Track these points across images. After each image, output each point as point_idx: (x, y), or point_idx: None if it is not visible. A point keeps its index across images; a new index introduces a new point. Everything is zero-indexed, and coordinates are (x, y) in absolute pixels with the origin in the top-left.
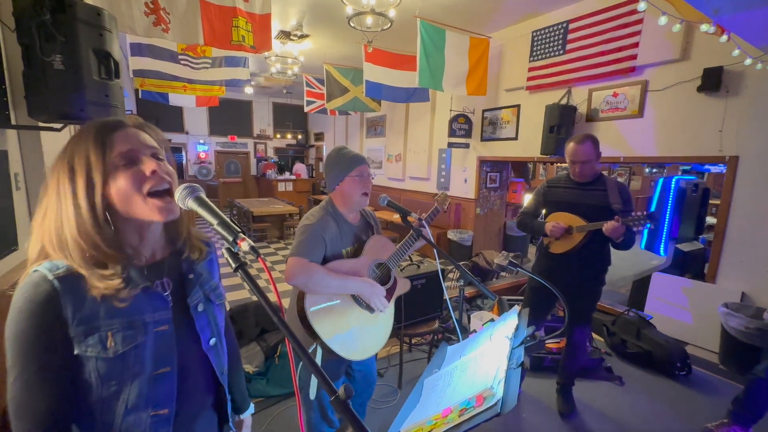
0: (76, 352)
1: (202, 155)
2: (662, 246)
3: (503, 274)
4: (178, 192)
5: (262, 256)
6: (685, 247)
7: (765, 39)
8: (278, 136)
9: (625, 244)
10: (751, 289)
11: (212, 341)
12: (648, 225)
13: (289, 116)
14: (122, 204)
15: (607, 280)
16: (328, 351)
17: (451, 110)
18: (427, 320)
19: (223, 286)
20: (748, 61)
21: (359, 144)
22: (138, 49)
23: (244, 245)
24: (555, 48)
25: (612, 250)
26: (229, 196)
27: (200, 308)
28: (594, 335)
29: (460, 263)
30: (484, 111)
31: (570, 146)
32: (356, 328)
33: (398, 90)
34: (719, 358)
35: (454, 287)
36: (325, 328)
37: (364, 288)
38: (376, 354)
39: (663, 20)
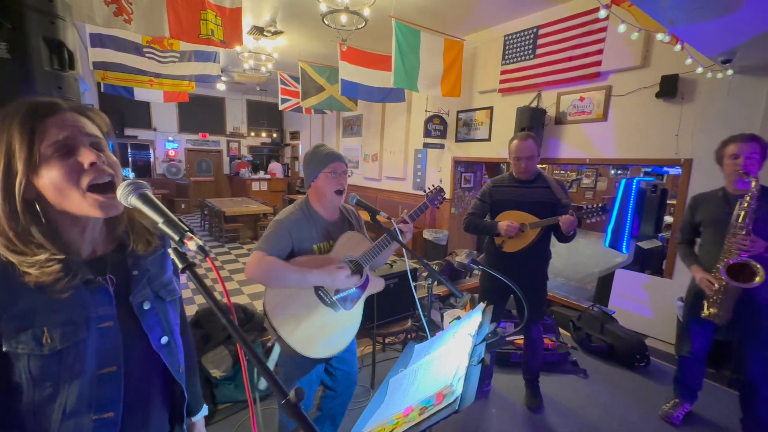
0: (4, 349)
1: (172, 153)
2: (624, 244)
3: (476, 272)
4: (121, 188)
5: (211, 257)
6: (645, 244)
7: (714, 49)
8: (252, 134)
9: (571, 237)
10: None
11: (164, 339)
12: (629, 219)
13: (264, 114)
14: (56, 198)
15: (574, 277)
16: (287, 348)
17: (426, 111)
18: (400, 319)
19: (179, 283)
20: (700, 70)
21: (335, 143)
22: (99, 40)
23: (192, 244)
24: (526, 52)
25: (570, 247)
26: (201, 196)
27: (146, 306)
28: (561, 330)
29: (435, 262)
30: (458, 112)
31: (514, 143)
32: (319, 325)
33: (374, 89)
34: (675, 349)
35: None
36: (284, 325)
37: (323, 277)
38: (356, 354)
39: (622, 28)
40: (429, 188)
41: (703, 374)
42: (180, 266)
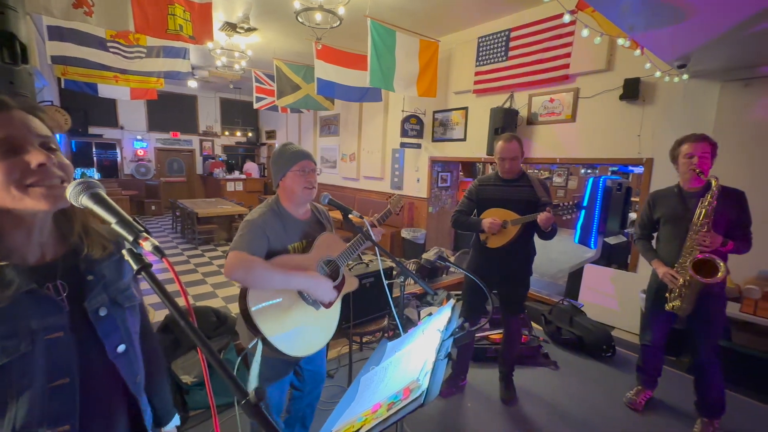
0: None
1: (140, 152)
2: (592, 240)
3: (452, 269)
4: (71, 188)
5: (167, 257)
6: (611, 240)
7: (670, 54)
8: (227, 133)
9: (551, 234)
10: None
11: (121, 348)
12: (582, 213)
13: (239, 113)
14: None
15: (547, 273)
16: (270, 348)
17: (403, 111)
18: (376, 318)
19: (139, 288)
20: (658, 74)
21: (313, 143)
22: (58, 33)
23: (147, 245)
24: (498, 54)
25: (544, 243)
26: (172, 196)
27: (102, 312)
28: (533, 324)
29: (412, 260)
30: (434, 112)
31: (499, 144)
32: (301, 324)
33: (351, 89)
34: (640, 339)
35: (406, 284)
36: (268, 324)
37: (308, 283)
38: (326, 353)
39: (585, 32)
40: (389, 197)
41: (662, 361)
42: (135, 268)
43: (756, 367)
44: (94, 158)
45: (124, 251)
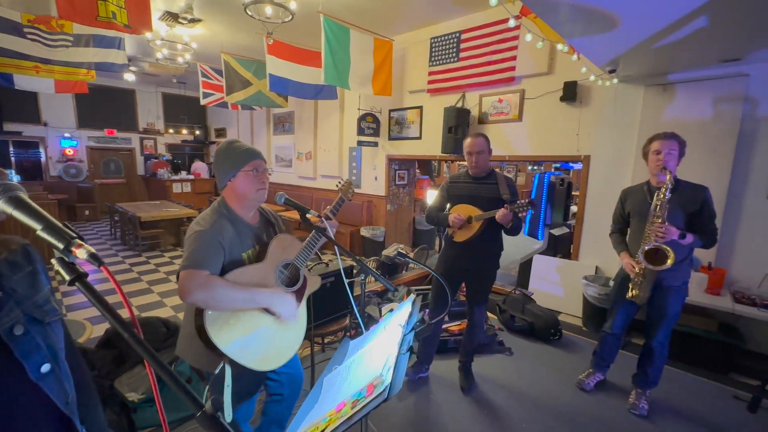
0: None
1: (70, 152)
2: (540, 232)
3: (411, 265)
4: None
5: (105, 265)
6: (556, 231)
7: (602, 59)
8: (171, 131)
9: (515, 229)
10: (601, 263)
11: (45, 368)
12: (531, 210)
13: (184, 109)
14: None
15: (500, 264)
16: (239, 367)
17: (359, 109)
18: (338, 318)
19: (57, 300)
20: (593, 78)
21: (266, 141)
22: None
23: (81, 252)
24: (450, 55)
25: (504, 237)
26: (110, 200)
27: (18, 331)
28: (489, 314)
29: (372, 258)
30: (390, 111)
31: (467, 140)
32: (267, 336)
33: (305, 86)
34: (582, 322)
35: (368, 282)
36: (231, 344)
37: (273, 300)
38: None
39: (529, 37)
40: (338, 183)
41: (618, 349)
42: (67, 279)
43: (684, 341)
44: (12, 159)
45: (53, 260)
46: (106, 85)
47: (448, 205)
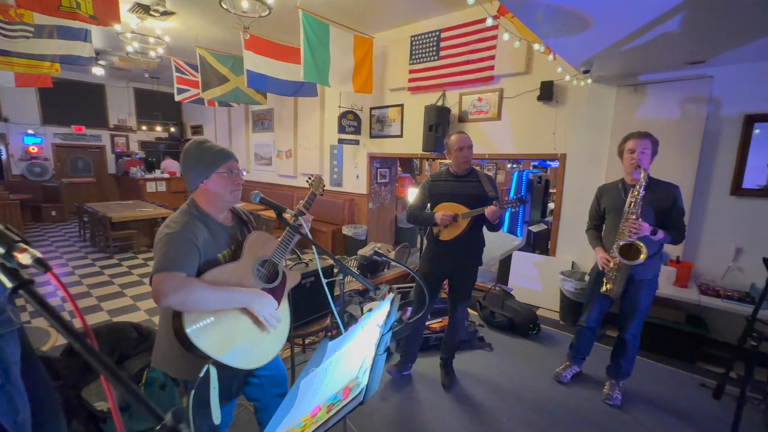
0: None
1: (33, 149)
2: (519, 229)
3: (393, 264)
4: None
5: (52, 270)
6: (534, 228)
7: (577, 60)
8: (144, 127)
9: (498, 226)
10: (578, 259)
11: None
12: (521, 207)
13: (158, 105)
14: None
15: (482, 261)
16: (223, 368)
17: (340, 107)
18: (318, 318)
19: (15, 308)
20: (568, 78)
21: (245, 138)
22: None
23: (25, 257)
24: (430, 53)
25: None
26: (79, 200)
27: None
28: (470, 311)
29: (352, 257)
30: (371, 109)
31: (454, 137)
32: (251, 335)
33: (284, 83)
34: (559, 316)
35: (348, 281)
36: (213, 345)
37: (253, 300)
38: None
39: (506, 36)
40: (310, 178)
41: (593, 342)
42: (9, 286)
43: (654, 332)
44: None
45: None
46: (73, 79)
47: (429, 205)
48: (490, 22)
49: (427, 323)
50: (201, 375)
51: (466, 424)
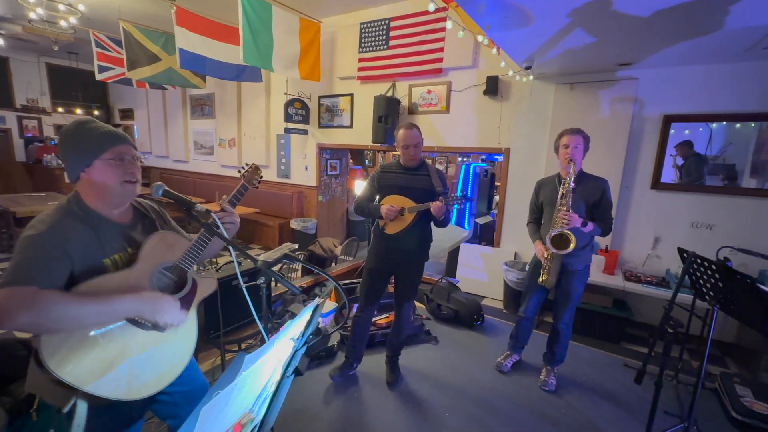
0: None
1: None
2: (466, 221)
3: (341, 257)
4: None
5: None
6: (481, 220)
7: (519, 56)
8: (61, 110)
9: (445, 222)
10: (520, 250)
11: None
12: (467, 203)
13: (78, 84)
14: None
15: (432, 254)
16: (100, 400)
17: (286, 93)
18: (253, 321)
19: None
20: (511, 73)
21: (183, 125)
22: None
23: None
24: (380, 42)
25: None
26: None
27: None
28: (417, 304)
29: (297, 252)
30: (320, 97)
31: (402, 132)
32: (144, 358)
33: (224, 65)
34: (503, 305)
35: (292, 278)
36: (84, 373)
37: (142, 306)
38: (196, 363)
39: (449, 24)
40: (243, 167)
41: (531, 331)
42: None
43: (585, 317)
44: None
45: None
46: None
47: (377, 196)
48: (432, 7)
49: (373, 319)
50: (65, 411)
51: (411, 423)
